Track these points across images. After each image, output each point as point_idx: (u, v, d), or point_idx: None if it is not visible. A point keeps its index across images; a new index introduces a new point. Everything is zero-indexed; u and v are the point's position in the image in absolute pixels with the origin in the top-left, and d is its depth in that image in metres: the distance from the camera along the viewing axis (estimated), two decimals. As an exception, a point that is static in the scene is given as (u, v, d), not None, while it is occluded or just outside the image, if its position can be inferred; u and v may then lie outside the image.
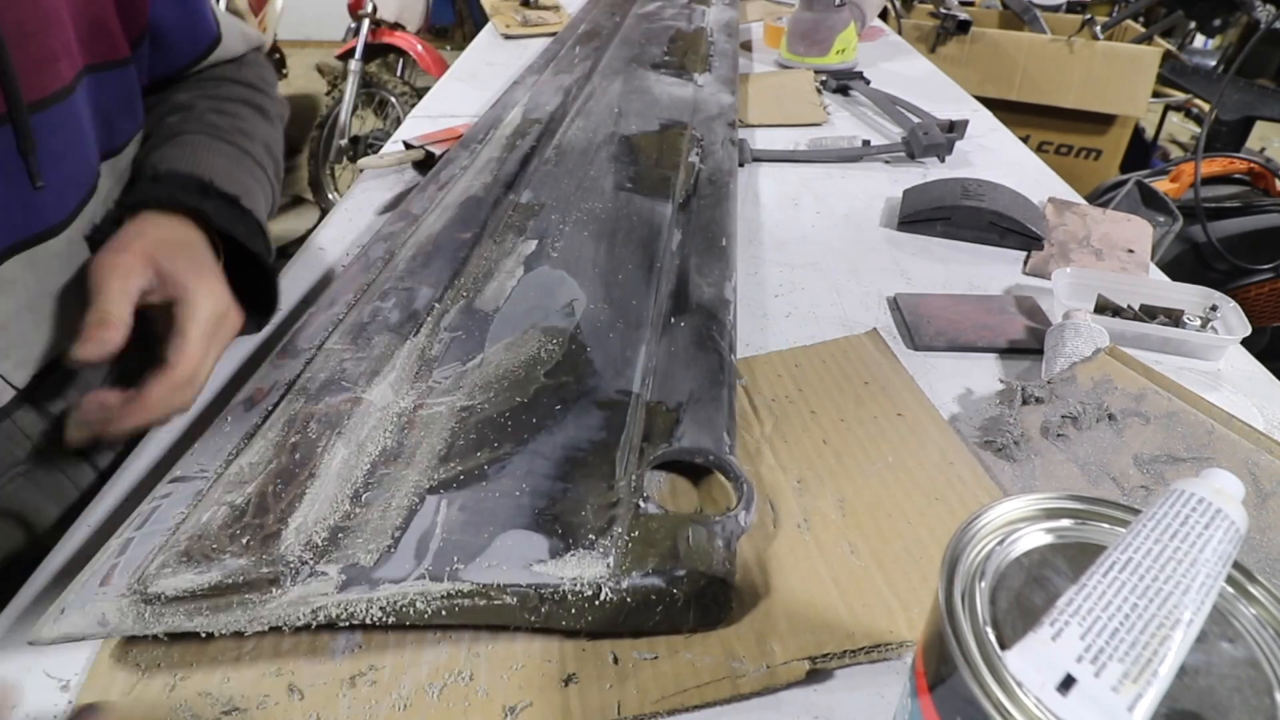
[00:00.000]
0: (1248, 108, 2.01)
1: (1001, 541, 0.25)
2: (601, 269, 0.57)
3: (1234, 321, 0.59)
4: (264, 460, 0.42)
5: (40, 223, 0.45)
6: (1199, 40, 3.13)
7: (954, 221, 0.76)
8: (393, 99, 2.65)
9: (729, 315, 0.53)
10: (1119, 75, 1.89)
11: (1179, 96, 2.43)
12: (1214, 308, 0.61)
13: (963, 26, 1.92)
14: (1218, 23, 2.38)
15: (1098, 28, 1.99)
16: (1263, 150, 2.88)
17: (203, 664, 0.36)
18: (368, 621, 0.34)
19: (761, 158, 0.94)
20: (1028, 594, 0.24)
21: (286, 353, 0.51)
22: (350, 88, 2.54)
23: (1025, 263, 0.73)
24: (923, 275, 0.71)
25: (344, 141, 2.55)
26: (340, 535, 0.37)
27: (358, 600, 0.34)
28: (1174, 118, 3.12)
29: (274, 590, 0.35)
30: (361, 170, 0.89)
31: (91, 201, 0.49)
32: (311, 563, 0.36)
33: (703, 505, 0.43)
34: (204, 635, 0.35)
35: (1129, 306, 0.62)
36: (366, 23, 2.63)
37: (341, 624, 0.34)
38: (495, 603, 0.35)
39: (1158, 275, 0.72)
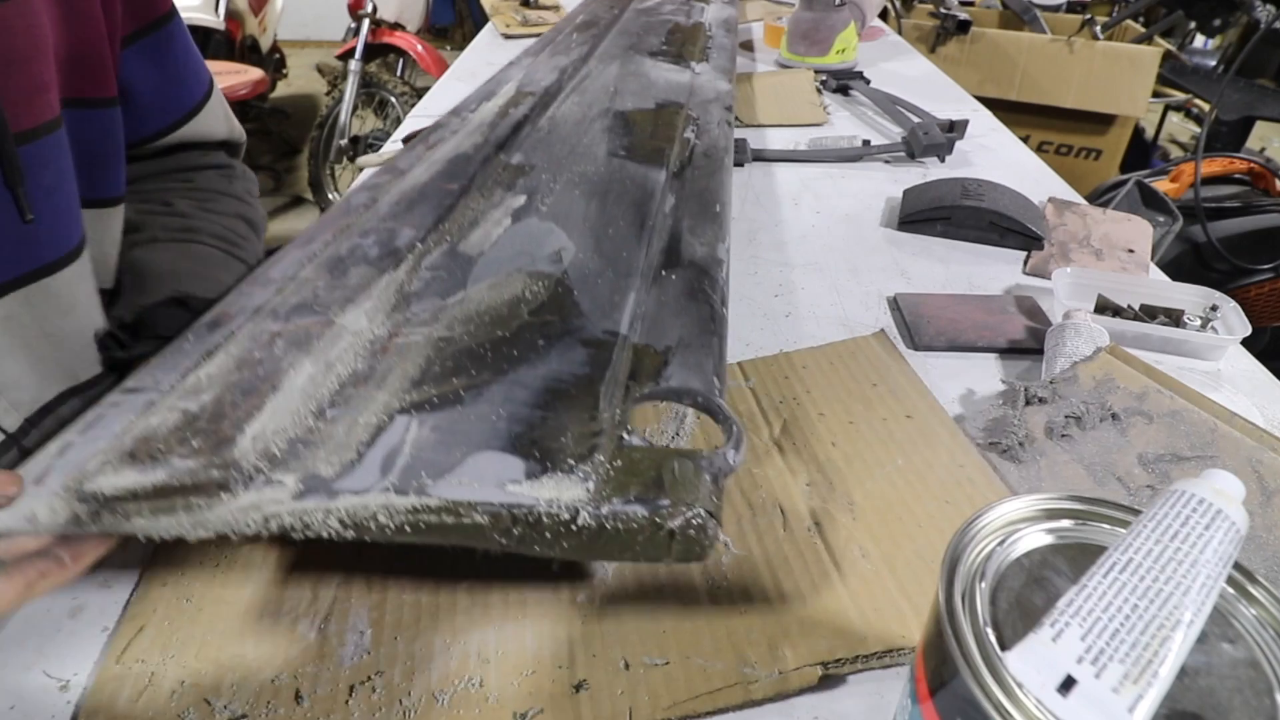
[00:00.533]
0: (1248, 108, 2.01)
1: (1002, 542, 0.25)
2: (592, 224, 0.56)
3: (1234, 321, 0.59)
4: (224, 372, 0.40)
5: (36, 259, 0.44)
6: (1199, 40, 3.13)
7: (954, 221, 0.76)
8: (393, 99, 2.66)
9: (721, 273, 0.51)
10: (1119, 75, 1.89)
11: (1179, 96, 2.43)
12: (1214, 308, 0.61)
13: (963, 26, 1.92)
14: (1218, 23, 2.38)
15: (1098, 28, 1.98)
16: (1263, 150, 2.88)
17: (209, 670, 0.36)
18: (325, 534, 0.32)
19: (761, 158, 0.94)
20: (1028, 595, 0.24)
21: (257, 281, 0.48)
22: (350, 88, 2.54)
23: (1025, 263, 0.73)
24: (923, 275, 0.71)
25: (344, 141, 2.55)
26: (300, 447, 0.35)
27: (315, 509, 0.32)
28: (1174, 118, 3.12)
29: (223, 495, 0.32)
30: (361, 169, 0.89)
31: (87, 249, 0.48)
32: (267, 471, 0.33)
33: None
34: (149, 539, 0.33)
35: (1129, 306, 0.62)
36: (366, 23, 2.63)
37: (295, 534, 0.32)
38: (464, 521, 0.32)
39: (1158, 275, 0.72)
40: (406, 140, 0.89)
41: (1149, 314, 0.62)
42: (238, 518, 0.32)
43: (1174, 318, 0.61)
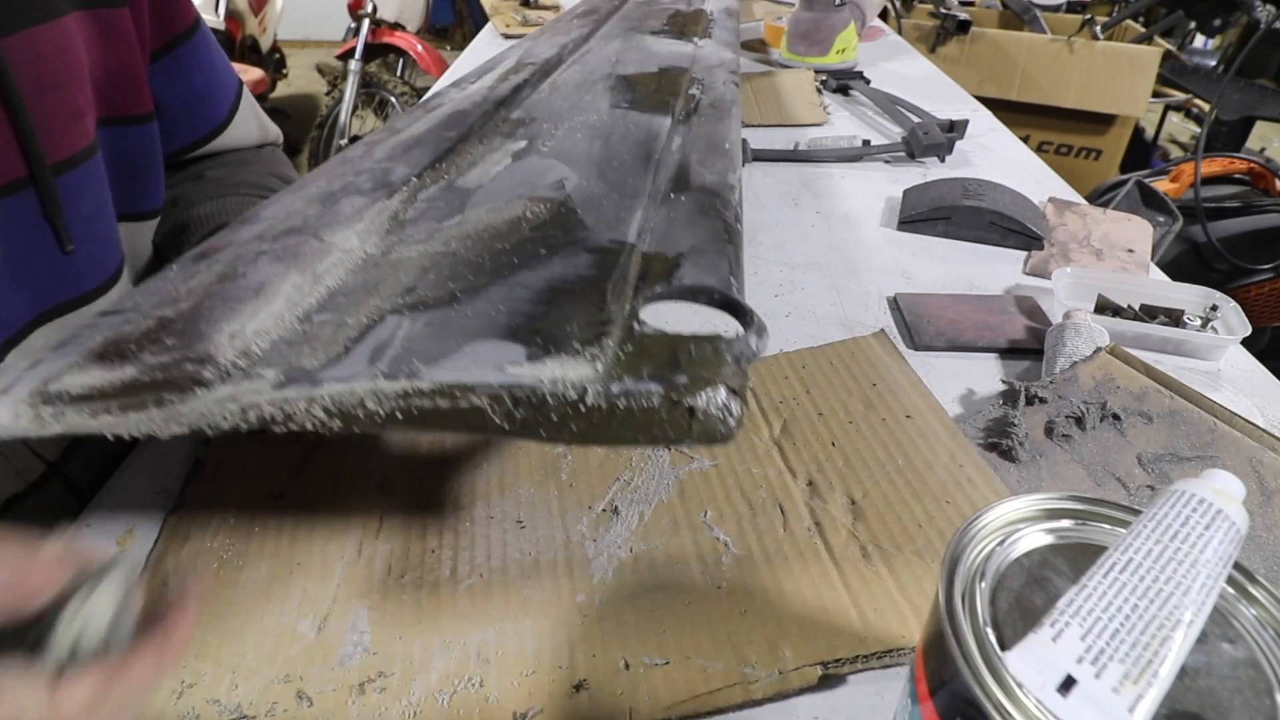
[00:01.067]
0: (1248, 108, 2.01)
1: (1002, 542, 0.25)
2: (596, 160, 0.53)
3: (1234, 321, 0.59)
4: (204, 285, 0.38)
5: (72, 289, 0.43)
6: (1199, 40, 3.13)
7: (954, 221, 0.76)
8: (393, 99, 2.66)
9: (734, 196, 0.48)
10: (1119, 75, 1.89)
11: (1179, 96, 2.43)
12: (1214, 308, 0.61)
13: (963, 26, 1.92)
14: (1218, 23, 2.38)
15: (1098, 28, 1.98)
16: (1263, 150, 2.89)
17: (210, 671, 0.36)
18: (309, 425, 0.30)
19: (761, 158, 0.94)
20: (1028, 595, 0.24)
21: (247, 220, 0.47)
22: (350, 88, 2.55)
23: (1025, 263, 0.73)
24: (923, 275, 0.71)
25: (344, 141, 2.55)
26: (284, 346, 0.33)
27: (297, 398, 0.30)
28: (1174, 118, 3.12)
29: (198, 390, 0.30)
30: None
31: (126, 268, 0.47)
32: (245, 367, 0.31)
33: None
34: (112, 438, 0.31)
35: (1129, 306, 0.62)
36: (366, 23, 2.63)
37: (276, 427, 0.30)
38: (461, 405, 0.30)
39: (1158, 275, 0.72)
40: None
41: (1149, 314, 0.62)
42: (213, 410, 0.30)
43: (1174, 318, 0.61)
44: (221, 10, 2.82)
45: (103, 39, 0.45)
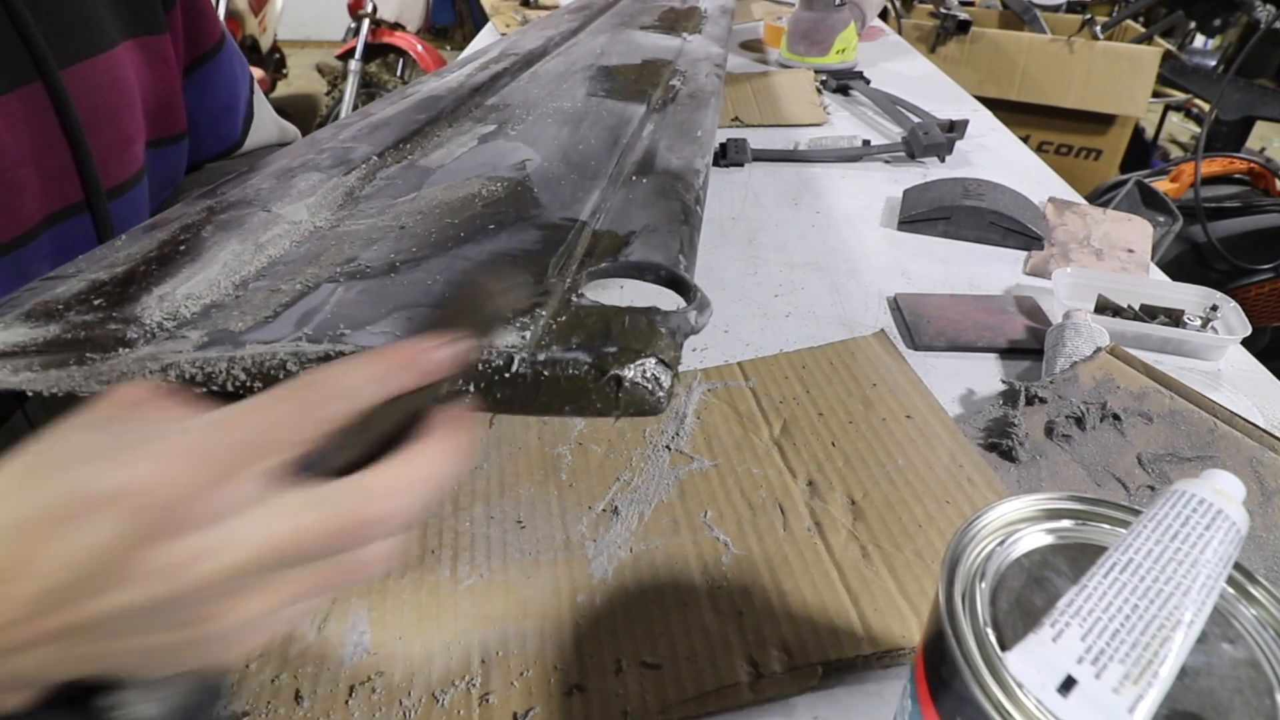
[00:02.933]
0: (1248, 108, 2.01)
1: (1002, 542, 0.25)
2: (562, 143, 0.52)
3: (1234, 321, 0.59)
4: (145, 250, 0.37)
5: None
6: (1199, 40, 3.13)
7: (954, 221, 0.76)
8: (393, 99, 2.65)
9: (698, 181, 0.48)
10: (1119, 75, 1.89)
11: (1179, 96, 2.43)
12: (1214, 308, 0.61)
13: (963, 26, 1.92)
14: (1218, 23, 2.38)
15: (1098, 28, 1.98)
16: (1263, 150, 2.88)
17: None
18: (230, 386, 0.29)
19: (761, 158, 0.94)
20: (1028, 595, 0.24)
21: (204, 194, 0.46)
22: (350, 88, 2.55)
23: (1025, 263, 0.73)
24: (923, 275, 0.71)
25: (344, 141, 2.55)
26: (214, 311, 0.33)
27: (218, 359, 0.29)
28: (1174, 118, 3.12)
29: (120, 350, 0.30)
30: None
31: None
32: (172, 328, 0.31)
33: None
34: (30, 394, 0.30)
35: (1129, 306, 0.62)
36: (366, 23, 2.63)
37: (198, 386, 0.29)
38: None
39: (1158, 275, 0.72)
40: None
41: (1149, 314, 0.62)
42: (133, 368, 0.30)
43: (1174, 318, 0.61)
44: (221, 10, 2.82)
45: (150, 65, 0.47)
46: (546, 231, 0.39)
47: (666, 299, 0.34)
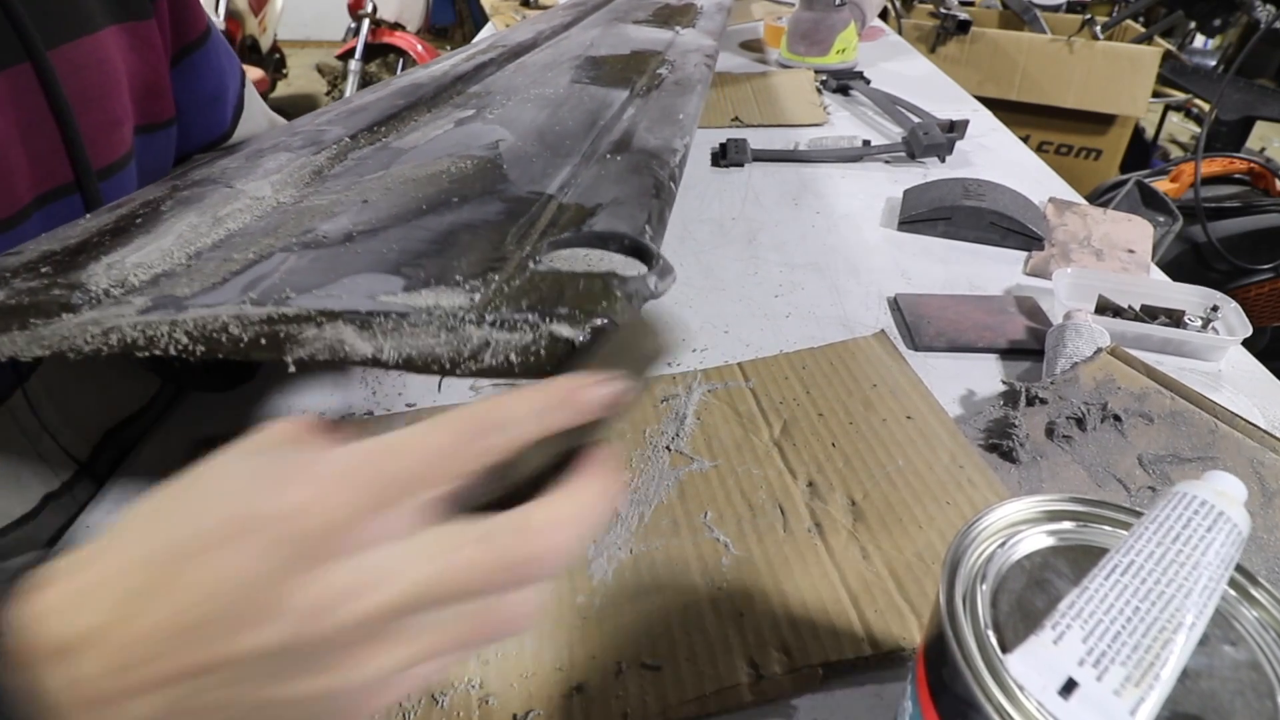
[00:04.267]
0: (1248, 108, 2.01)
1: (1003, 544, 0.25)
2: (539, 125, 0.51)
3: (1235, 322, 0.59)
4: (102, 224, 0.37)
5: None
6: (1199, 40, 3.13)
7: (954, 221, 0.76)
8: (392, 99, 2.66)
9: (675, 159, 0.47)
10: (1119, 75, 1.89)
11: (1179, 96, 2.43)
12: (1215, 308, 0.61)
13: (963, 26, 1.92)
14: (1218, 23, 2.38)
15: (1098, 28, 1.98)
16: (1263, 150, 2.89)
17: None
18: (172, 350, 0.29)
19: (761, 158, 0.94)
20: (1029, 597, 0.24)
21: (174, 176, 0.46)
22: (350, 88, 2.55)
23: (1025, 263, 0.73)
24: (923, 275, 0.70)
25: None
26: (163, 279, 0.32)
27: (160, 322, 0.29)
28: (1174, 118, 3.12)
29: (64, 315, 0.30)
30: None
31: None
32: (118, 295, 0.31)
33: None
34: None
35: (1129, 307, 0.62)
36: (366, 23, 2.63)
37: (139, 351, 0.29)
38: (326, 332, 0.29)
39: (1158, 275, 0.72)
40: None
41: (1149, 314, 0.62)
42: (74, 333, 0.29)
43: (1174, 318, 0.61)
44: (221, 10, 2.82)
45: (136, 50, 0.47)
46: (510, 204, 0.38)
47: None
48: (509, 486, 0.22)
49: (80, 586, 0.19)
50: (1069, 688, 0.19)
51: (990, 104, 1.17)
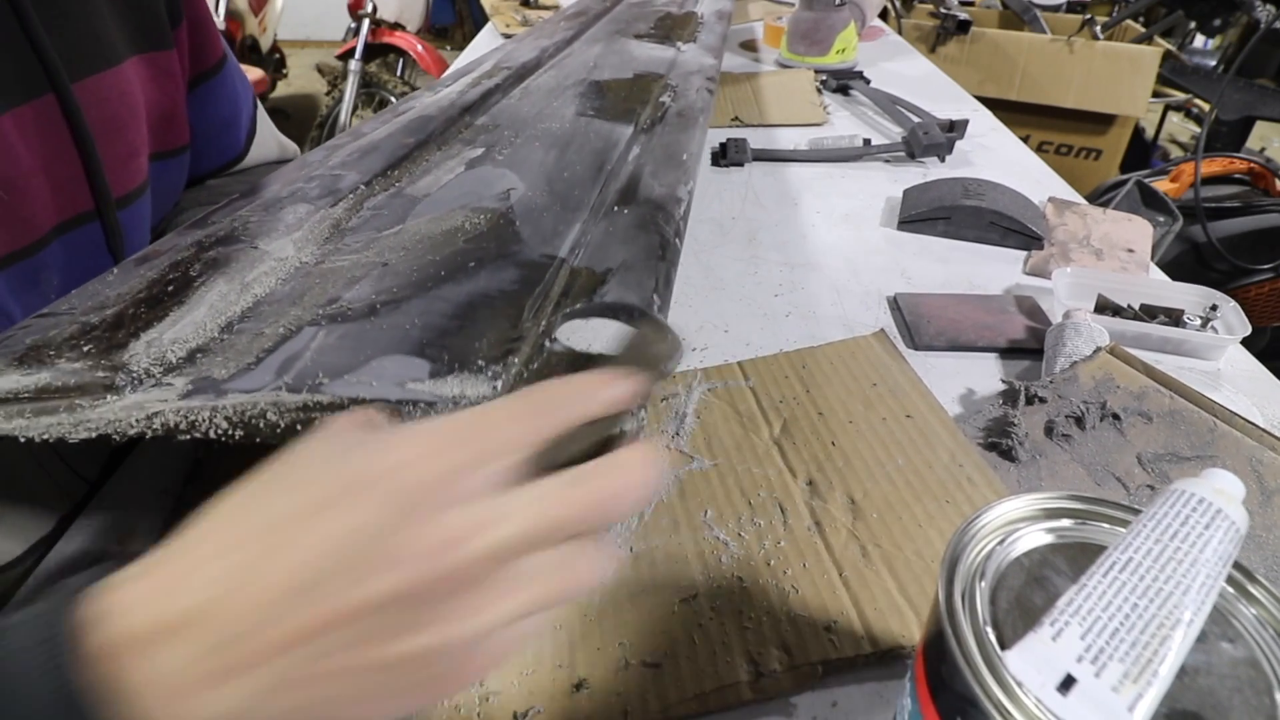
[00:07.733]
0: (1248, 108, 2.01)
1: (1002, 541, 0.25)
2: (548, 169, 0.54)
3: (1234, 321, 0.59)
4: (134, 290, 0.39)
5: None
6: (1199, 40, 3.13)
7: (954, 221, 0.76)
8: (393, 99, 2.66)
9: (679, 210, 0.50)
10: (1119, 75, 1.89)
11: (1179, 96, 2.43)
12: (1214, 307, 0.61)
13: (963, 26, 1.92)
14: (1218, 23, 2.38)
15: (1098, 28, 1.98)
16: (1263, 150, 2.88)
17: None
18: (212, 434, 0.31)
19: (761, 157, 0.94)
20: (1028, 594, 0.24)
21: (194, 225, 0.47)
22: (350, 88, 2.55)
23: (1025, 262, 0.73)
24: (923, 275, 0.71)
25: (344, 142, 2.55)
26: (200, 356, 0.34)
27: (201, 408, 0.31)
28: (1174, 118, 3.12)
29: (109, 396, 0.31)
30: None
31: None
32: (159, 375, 0.32)
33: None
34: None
35: (1129, 306, 0.62)
36: (366, 23, 2.63)
37: (181, 434, 0.31)
38: None
39: (1158, 275, 0.72)
40: None
41: (1149, 314, 0.62)
42: (120, 416, 0.31)
43: (1174, 317, 0.61)
44: (221, 10, 2.82)
45: (156, 80, 0.48)
46: (525, 270, 0.41)
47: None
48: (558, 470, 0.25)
49: (170, 575, 0.20)
50: (1067, 684, 0.19)
51: (990, 104, 1.17)
